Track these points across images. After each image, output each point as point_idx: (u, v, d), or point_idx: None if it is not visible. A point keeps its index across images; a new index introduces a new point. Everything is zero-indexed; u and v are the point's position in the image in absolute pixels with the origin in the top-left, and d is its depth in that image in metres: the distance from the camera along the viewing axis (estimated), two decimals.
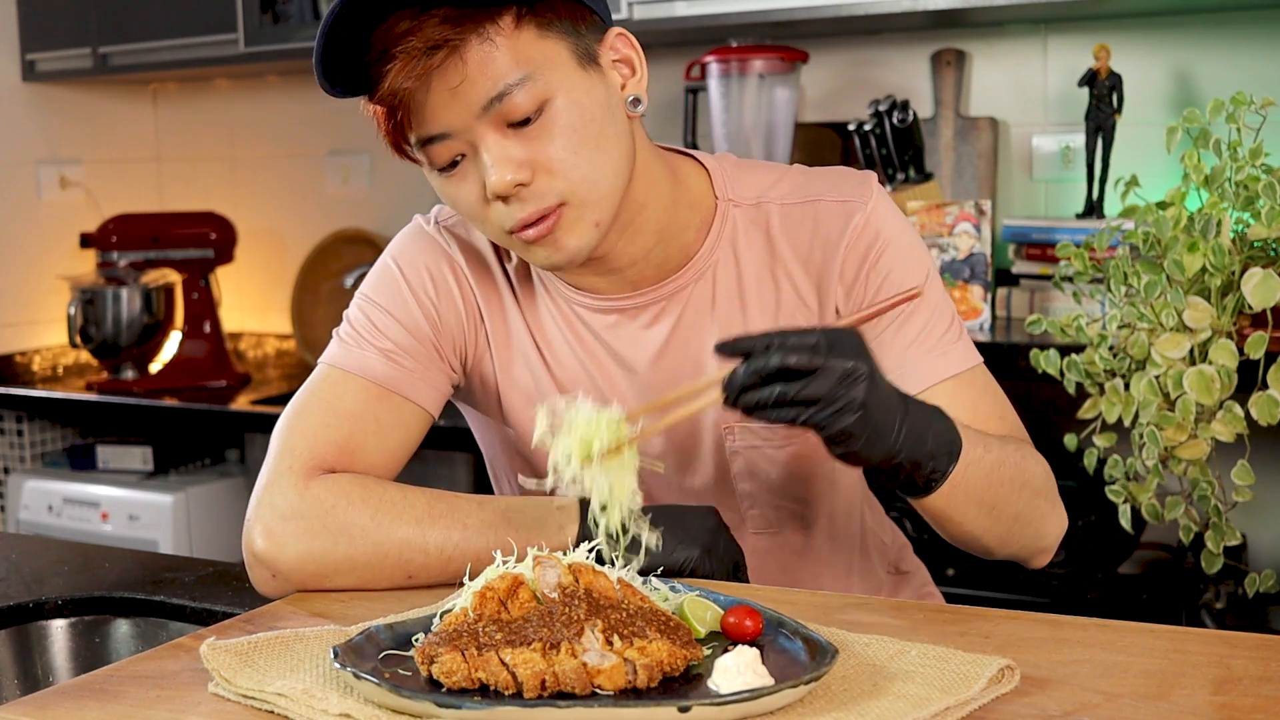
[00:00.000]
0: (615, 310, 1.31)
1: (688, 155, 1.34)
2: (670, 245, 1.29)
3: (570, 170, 1.17)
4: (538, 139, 1.16)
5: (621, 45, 1.23)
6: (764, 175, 1.33)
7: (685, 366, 1.31)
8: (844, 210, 1.28)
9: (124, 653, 1.34)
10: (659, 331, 1.31)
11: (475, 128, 1.15)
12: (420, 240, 1.35)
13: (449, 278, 1.33)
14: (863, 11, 2.37)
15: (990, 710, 0.91)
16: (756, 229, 1.30)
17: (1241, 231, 1.78)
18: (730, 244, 1.30)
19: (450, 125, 1.16)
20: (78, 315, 3.15)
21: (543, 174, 1.17)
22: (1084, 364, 1.84)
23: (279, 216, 3.50)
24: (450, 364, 1.33)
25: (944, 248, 2.31)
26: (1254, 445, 1.75)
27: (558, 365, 1.33)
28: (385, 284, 1.33)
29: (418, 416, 1.30)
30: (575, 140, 1.17)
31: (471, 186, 1.19)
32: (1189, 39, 2.43)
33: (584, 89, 1.18)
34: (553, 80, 1.16)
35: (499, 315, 1.34)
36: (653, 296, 1.30)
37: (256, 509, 1.21)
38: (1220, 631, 1.07)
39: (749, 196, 1.31)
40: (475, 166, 1.18)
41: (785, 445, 1.32)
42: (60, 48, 3.26)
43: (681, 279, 1.30)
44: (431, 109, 1.15)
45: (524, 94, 1.14)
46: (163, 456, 3.22)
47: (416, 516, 1.19)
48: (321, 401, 1.27)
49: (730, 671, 0.91)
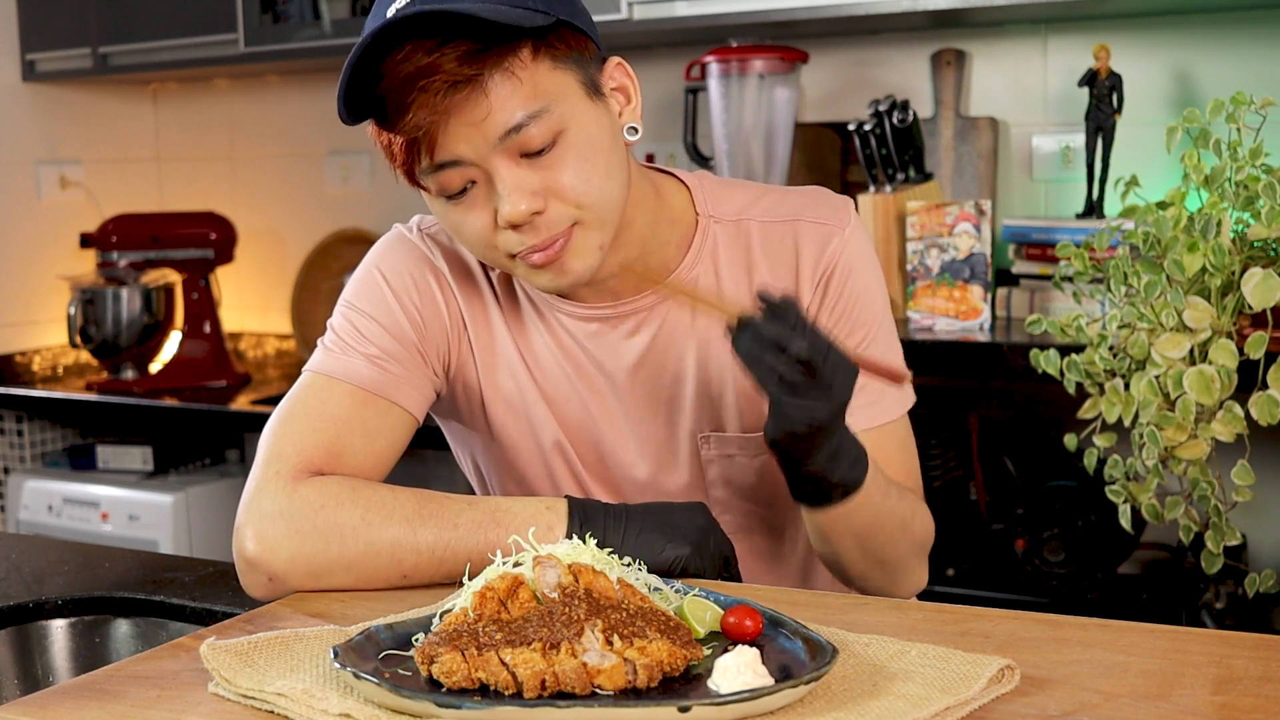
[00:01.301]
0: (597, 319, 1.33)
1: (668, 173, 1.37)
2: (651, 259, 1.32)
3: (581, 197, 1.19)
4: (550, 168, 1.18)
5: (619, 75, 1.27)
6: (744, 193, 1.36)
7: (665, 376, 1.34)
8: (822, 233, 1.33)
9: (124, 653, 1.34)
10: (639, 341, 1.33)
11: (490, 157, 1.17)
12: (403, 247, 1.36)
13: (432, 284, 1.34)
14: (863, 11, 2.37)
15: (990, 710, 0.91)
16: (737, 245, 1.34)
17: (1241, 231, 1.78)
18: (711, 258, 1.33)
19: (465, 154, 1.17)
20: (78, 315, 3.15)
21: (554, 201, 1.19)
22: (1084, 364, 1.84)
23: (279, 216, 3.50)
24: (434, 369, 1.34)
25: (944, 248, 2.31)
26: (1254, 445, 1.75)
27: (540, 373, 1.35)
28: (369, 291, 1.33)
29: (404, 421, 1.31)
30: (586, 169, 1.19)
31: (480, 214, 1.20)
32: (1189, 39, 2.43)
33: (592, 118, 1.21)
34: (565, 112, 1.18)
35: (483, 322, 1.35)
36: (634, 307, 1.33)
37: (245, 514, 1.21)
38: (1220, 631, 1.07)
39: (730, 213, 1.35)
40: (486, 194, 1.20)
41: (758, 455, 1.36)
42: (60, 48, 3.26)
43: (662, 291, 1.32)
44: (449, 138, 1.16)
45: (540, 126, 1.17)
46: (163, 456, 3.22)
47: (406, 516, 1.20)
48: (307, 408, 1.27)
49: (730, 671, 0.91)
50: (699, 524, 1.24)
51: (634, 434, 1.35)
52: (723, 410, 1.35)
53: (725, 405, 1.34)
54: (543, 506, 1.22)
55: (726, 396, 1.34)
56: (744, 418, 1.35)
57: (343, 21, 2.87)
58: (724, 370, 1.34)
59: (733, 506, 1.38)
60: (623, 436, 1.35)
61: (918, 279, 2.33)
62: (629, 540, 1.20)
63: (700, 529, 1.23)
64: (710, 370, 1.34)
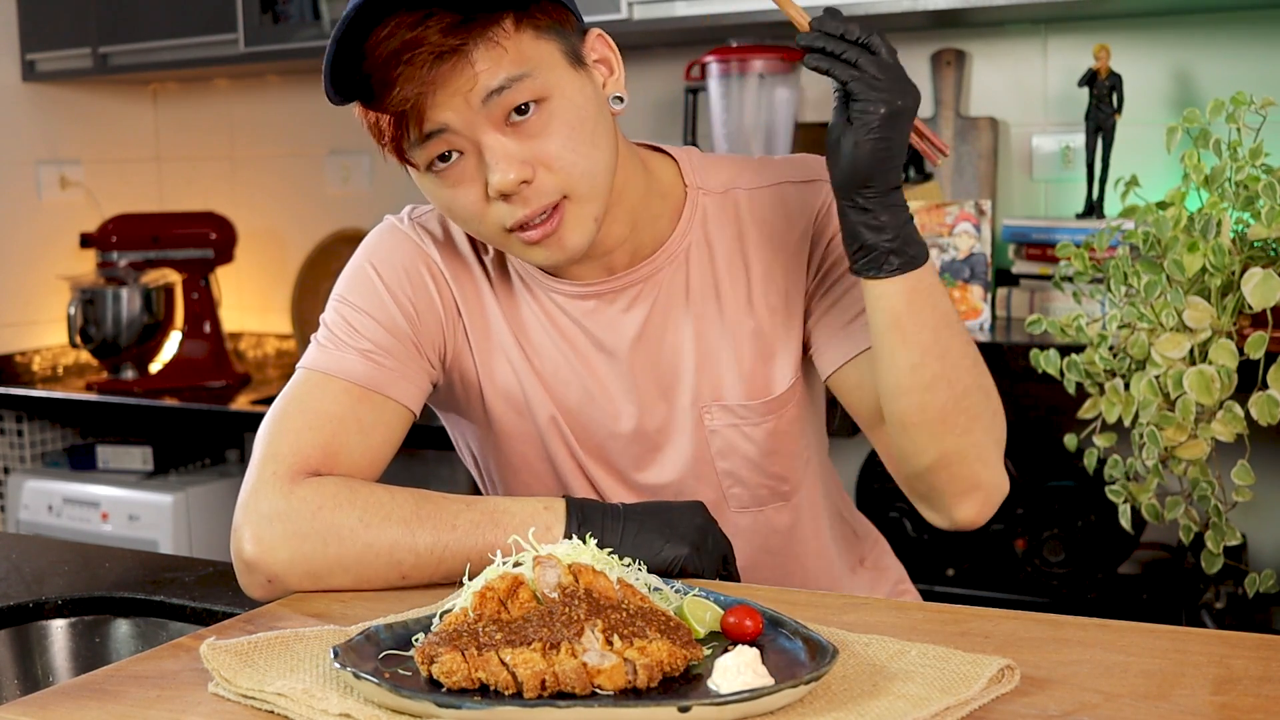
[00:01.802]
0: (593, 295, 1.32)
1: (655, 149, 1.38)
2: (643, 233, 1.32)
3: (570, 167, 1.20)
4: (537, 137, 1.19)
5: (600, 46, 1.27)
6: (729, 165, 1.38)
7: (665, 349, 1.33)
8: (810, 189, 1.35)
9: (124, 653, 1.34)
10: (636, 315, 1.33)
11: (476, 123, 1.17)
12: (394, 238, 1.36)
13: (425, 275, 1.34)
14: (862, 11, 2.37)
15: (990, 710, 0.91)
16: (726, 215, 1.34)
17: (1241, 231, 1.78)
18: (701, 229, 1.34)
19: (453, 122, 1.17)
20: (78, 315, 3.15)
21: (543, 171, 1.19)
22: (1084, 364, 1.84)
23: (279, 216, 3.50)
24: (430, 360, 1.34)
25: (944, 248, 2.31)
26: (1254, 445, 1.75)
27: (538, 356, 1.34)
28: (360, 284, 1.33)
29: (400, 415, 1.30)
30: (573, 138, 1.20)
31: (471, 188, 1.21)
32: (1189, 39, 2.43)
33: (576, 88, 1.21)
34: (549, 80, 1.19)
35: (477, 308, 1.35)
36: (628, 280, 1.32)
37: (243, 515, 1.21)
38: (1220, 631, 1.07)
39: (717, 185, 1.36)
40: (475, 167, 1.20)
41: (761, 422, 1.34)
42: (60, 48, 3.26)
43: (655, 262, 1.32)
44: (436, 109, 1.17)
45: (523, 89, 1.17)
46: (163, 456, 3.22)
47: (404, 517, 1.20)
48: (302, 406, 1.27)
49: (730, 671, 0.91)
50: (697, 523, 1.24)
51: (635, 410, 1.34)
52: (724, 379, 1.34)
53: (727, 373, 1.34)
54: (541, 507, 1.22)
55: (728, 364, 1.33)
56: (749, 385, 1.34)
57: None
58: (723, 338, 1.33)
59: (740, 478, 1.36)
60: (623, 414, 1.34)
61: None
62: (627, 540, 1.20)
63: (698, 528, 1.23)
64: (710, 339, 1.33)
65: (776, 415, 1.35)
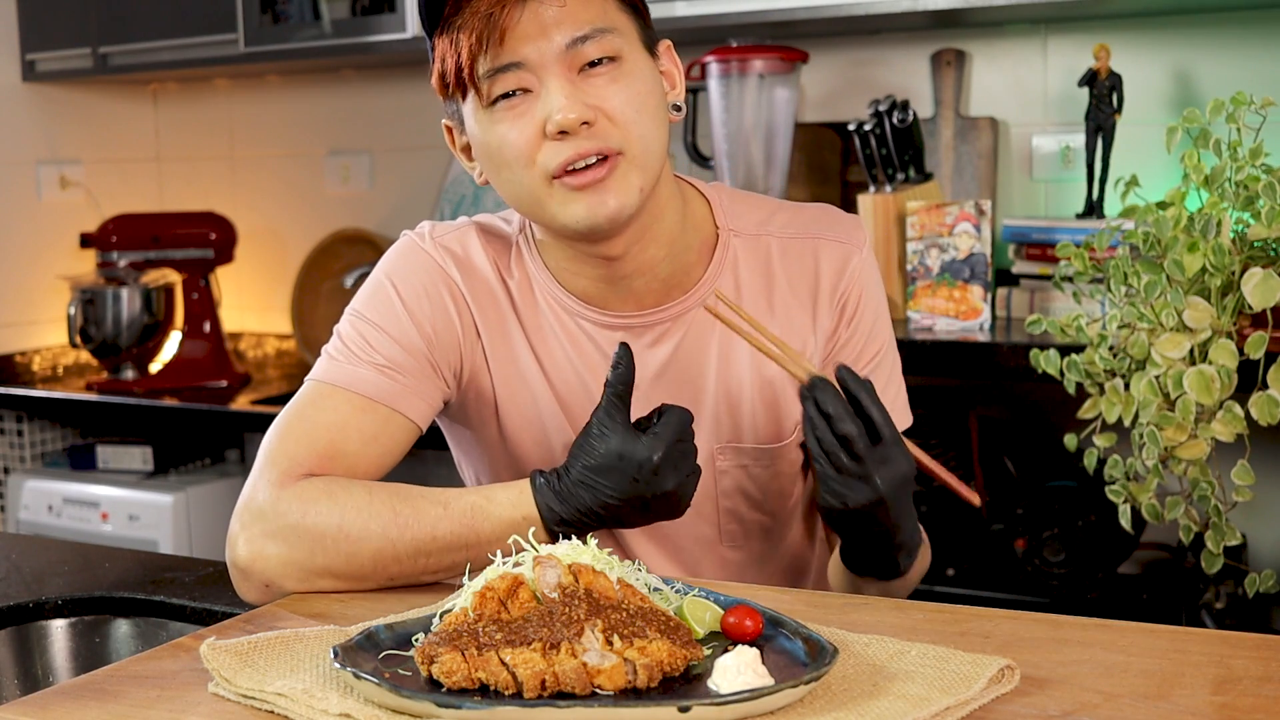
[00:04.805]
0: (622, 327, 1.33)
1: (688, 182, 1.39)
2: (676, 262, 1.33)
3: (631, 125, 1.22)
4: (605, 89, 1.22)
5: (667, 58, 1.32)
6: (760, 206, 1.40)
7: (685, 387, 1.34)
8: (842, 252, 1.37)
9: (124, 653, 1.34)
10: (662, 351, 1.34)
11: (551, 65, 1.20)
12: (415, 256, 1.35)
13: (444, 294, 1.33)
14: (863, 11, 2.37)
15: (990, 710, 0.91)
16: (757, 259, 1.36)
17: (1241, 231, 1.78)
18: (732, 272, 1.35)
19: (530, 57, 1.21)
20: (78, 315, 3.15)
21: (604, 120, 1.22)
22: (1084, 364, 1.84)
23: (279, 216, 3.50)
24: (445, 379, 1.34)
25: (944, 248, 2.31)
26: (1254, 445, 1.75)
27: (559, 380, 1.34)
28: (379, 301, 1.33)
29: (405, 429, 1.30)
30: (637, 101, 1.23)
31: (527, 125, 1.22)
32: (1189, 39, 2.43)
33: (647, 67, 1.26)
34: (626, 45, 1.24)
35: (498, 330, 1.34)
36: (658, 317, 1.33)
37: (237, 522, 1.23)
38: (1220, 631, 1.07)
39: (749, 227, 1.37)
40: (535, 105, 1.22)
41: (769, 465, 1.37)
42: (60, 48, 3.26)
43: (686, 302, 1.33)
44: (516, 37, 1.20)
45: (603, 44, 1.22)
46: (163, 456, 3.21)
47: (383, 525, 1.21)
48: (303, 416, 1.28)
49: (730, 671, 0.91)
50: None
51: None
52: (740, 422, 1.35)
53: (743, 417, 1.35)
54: (519, 516, 1.21)
55: (744, 408, 1.35)
56: (760, 430, 1.36)
57: (343, 21, 2.87)
58: (744, 383, 1.34)
59: (739, 516, 1.39)
60: None
61: (918, 279, 2.33)
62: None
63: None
64: (730, 383, 1.34)
65: (782, 459, 1.38)
